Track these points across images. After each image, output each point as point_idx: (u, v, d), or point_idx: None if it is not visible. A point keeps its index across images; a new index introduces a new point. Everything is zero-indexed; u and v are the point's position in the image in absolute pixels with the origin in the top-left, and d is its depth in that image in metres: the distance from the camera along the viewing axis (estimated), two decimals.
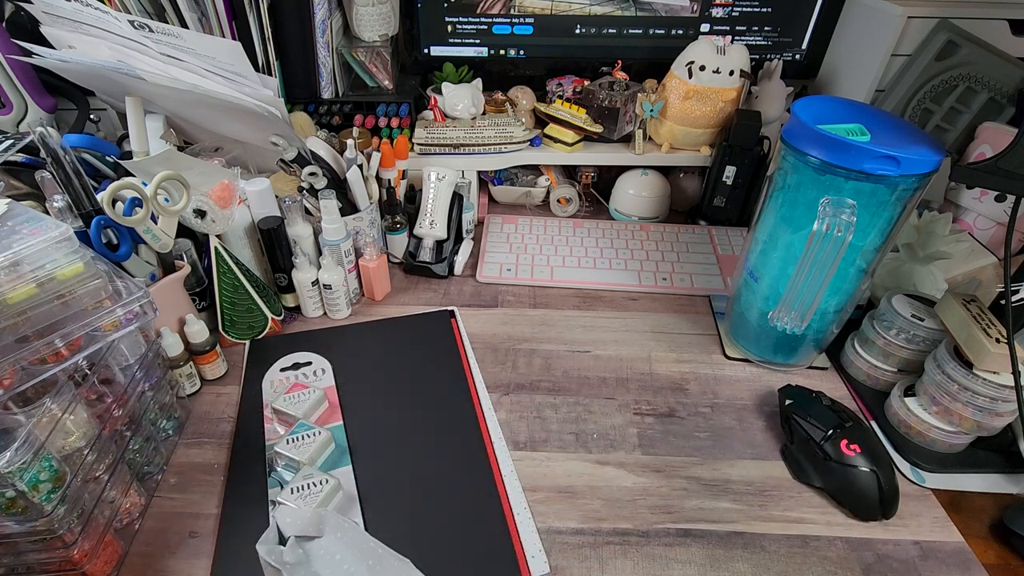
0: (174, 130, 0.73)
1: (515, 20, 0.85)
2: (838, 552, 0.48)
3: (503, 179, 0.88)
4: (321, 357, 0.63)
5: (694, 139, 0.82)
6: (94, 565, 0.44)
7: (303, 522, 0.43)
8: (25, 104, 0.75)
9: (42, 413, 0.39)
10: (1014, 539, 0.49)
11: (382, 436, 0.54)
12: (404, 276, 0.77)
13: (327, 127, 0.83)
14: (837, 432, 0.51)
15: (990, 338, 0.49)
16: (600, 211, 0.90)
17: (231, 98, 0.63)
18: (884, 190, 0.49)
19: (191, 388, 0.60)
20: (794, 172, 0.54)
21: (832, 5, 0.82)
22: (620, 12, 0.84)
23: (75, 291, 0.43)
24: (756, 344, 0.64)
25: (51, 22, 0.66)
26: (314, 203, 0.68)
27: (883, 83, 0.77)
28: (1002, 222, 0.72)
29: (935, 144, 0.49)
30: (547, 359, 0.65)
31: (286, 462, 0.52)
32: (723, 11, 0.83)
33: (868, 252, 0.54)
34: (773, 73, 0.81)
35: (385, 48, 0.82)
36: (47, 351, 0.41)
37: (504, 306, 0.72)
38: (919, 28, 0.72)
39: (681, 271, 0.77)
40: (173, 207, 0.55)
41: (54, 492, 0.39)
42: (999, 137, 0.71)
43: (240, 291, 0.62)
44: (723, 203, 0.83)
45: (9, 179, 0.64)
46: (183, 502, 0.51)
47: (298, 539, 0.43)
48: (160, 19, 0.69)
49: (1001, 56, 0.71)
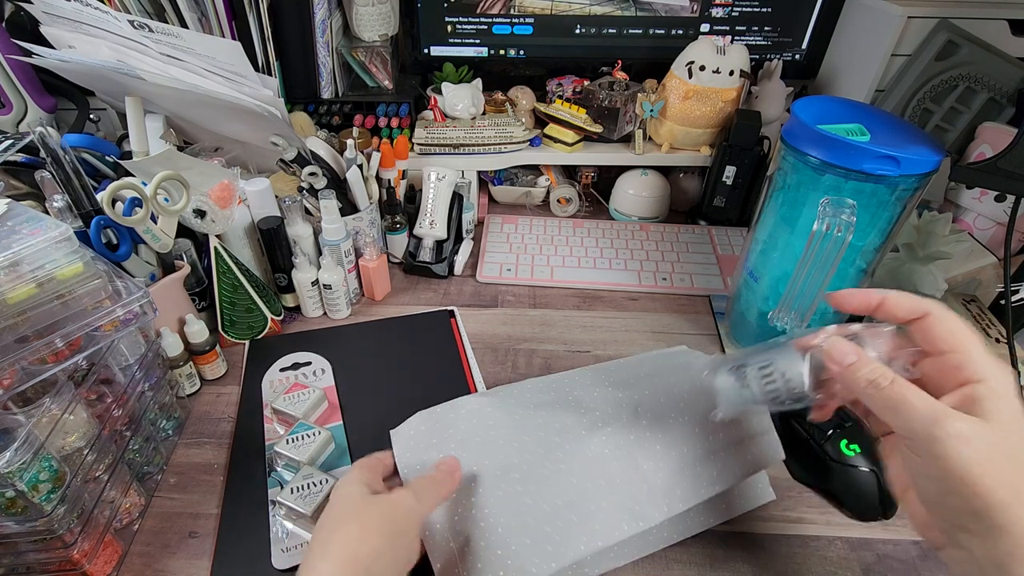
0: (174, 130, 0.73)
1: (515, 20, 0.85)
2: (838, 552, 0.48)
3: (503, 179, 0.88)
4: (321, 357, 0.63)
5: (694, 139, 0.82)
6: (94, 565, 0.44)
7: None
8: (25, 104, 0.75)
9: (42, 413, 0.39)
10: None
11: (382, 436, 0.54)
12: (404, 276, 0.77)
13: (327, 127, 0.83)
14: (837, 432, 0.51)
15: (990, 338, 0.49)
16: (600, 211, 0.90)
17: (231, 98, 0.63)
18: (884, 190, 0.49)
19: (191, 388, 0.60)
20: (794, 172, 0.54)
21: (832, 5, 0.82)
22: (620, 12, 0.84)
23: (75, 291, 0.43)
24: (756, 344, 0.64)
25: (51, 22, 0.66)
26: (314, 203, 0.68)
27: (883, 83, 0.77)
28: (1002, 222, 0.72)
29: (935, 144, 0.49)
30: (547, 359, 0.65)
31: (286, 462, 0.52)
32: (723, 11, 0.83)
33: (868, 252, 0.54)
34: (773, 73, 0.81)
35: (385, 48, 0.82)
36: (47, 351, 0.41)
37: (504, 306, 0.72)
38: (919, 28, 0.72)
39: (681, 271, 0.77)
40: (173, 207, 0.55)
41: (54, 492, 0.39)
42: (999, 137, 0.71)
43: (240, 291, 0.62)
44: (723, 203, 0.83)
45: (9, 179, 0.63)
46: (183, 502, 0.51)
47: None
48: (160, 19, 0.69)
49: (1001, 56, 0.71)
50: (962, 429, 0.30)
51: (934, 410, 0.31)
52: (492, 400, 0.52)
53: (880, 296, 0.37)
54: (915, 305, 0.35)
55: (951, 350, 0.33)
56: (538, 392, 0.54)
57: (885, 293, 0.37)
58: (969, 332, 0.34)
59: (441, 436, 0.49)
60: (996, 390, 0.31)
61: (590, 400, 0.52)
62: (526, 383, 0.56)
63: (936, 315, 0.34)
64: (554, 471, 0.46)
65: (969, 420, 0.30)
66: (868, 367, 0.34)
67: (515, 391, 0.54)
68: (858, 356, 0.34)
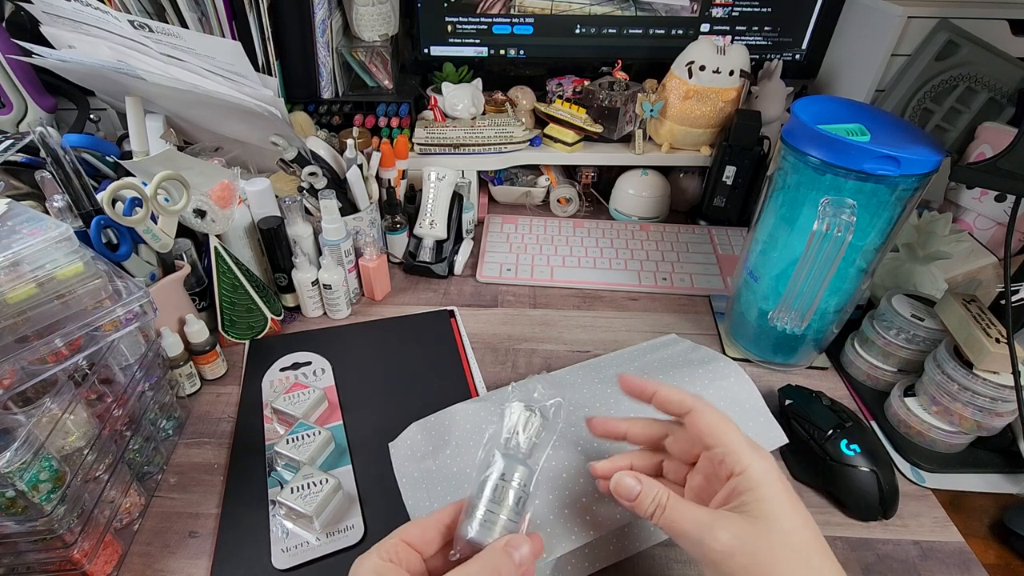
0: (174, 130, 0.73)
1: (515, 20, 0.85)
2: (838, 552, 0.47)
3: (503, 179, 0.88)
4: (321, 357, 0.63)
5: (694, 139, 0.82)
6: (94, 565, 0.44)
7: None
8: (25, 104, 0.75)
9: (42, 413, 0.39)
10: (1014, 539, 0.49)
11: (382, 436, 0.54)
12: (404, 276, 0.77)
13: (327, 127, 0.83)
14: (837, 432, 0.51)
15: (990, 338, 0.49)
16: (600, 211, 0.90)
17: (231, 98, 0.63)
18: (884, 190, 0.49)
19: (191, 388, 0.60)
20: (794, 172, 0.54)
21: (832, 5, 0.82)
22: (620, 12, 0.84)
23: (75, 291, 0.43)
24: (756, 344, 0.64)
25: (51, 22, 0.66)
26: (314, 203, 0.68)
27: (883, 83, 0.77)
28: (1002, 222, 0.72)
29: (935, 144, 0.49)
30: (547, 359, 0.65)
31: (286, 462, 0.52)
32: (723, 11, 0.83)
33: (868, 252, 0.54)
34: (773, 73, 0.81)
35: (385, 48, 0.82)
36: (47, 351, 0.41)
37: (504, 306, 0.72)
38: (919, 28, 0.72)
39: (681, 271, 0.77)
40: (173, 207, 0.55)
41: (54, 492, 0.39)
42: (999, 137, 0.71)
43: (240, 291, 0.62)
44: (723, 203, 0.83)
45: (9, 179, 0.64)
46: (183, 502, 0.51)
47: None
48: (160, 19, 0.69)
49: (1001, 56, 0.71)
50: (725, 541, 0.32)
51: (699, 528, 0.33)
52: (485, 405, 0.53)
53: (654, 388, 0.38)
54: (681, 400, 0.37)
55: (714, 444, 0.35)
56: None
57: (658, 387, 0.38)
58: (727, 423, 0.36)
59: (437, 444, 0.51)
60: (755, 479, 0.33)
61: (581, 397, 0.53)
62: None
63: (697, 410, 0.36)
64: (547, 468, 0.46)
65: (731, 527, 0.32)
66: (649, 497, 0.35)
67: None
68: (640, 487, 0.36)
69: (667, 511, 0.34)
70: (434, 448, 0.50)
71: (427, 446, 0.51)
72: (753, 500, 0.33)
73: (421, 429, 0.53)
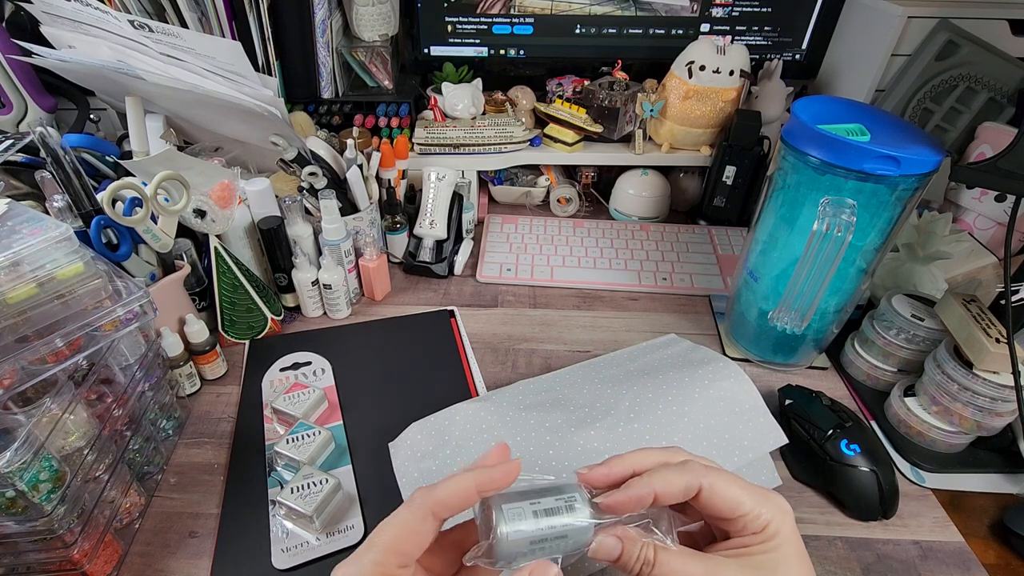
0: (174, 130, 0.73)
1: (515, 20, 0.85)
2: (838, 552, 0.48)
3: (503, 179, 0.88)
4: (321, 357, 0.63)
5: (694, 139, 0.82)
6: (94, 565, 0.44)
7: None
8: (25, 104, 0.75)
9: (42, 413, 0.39)
10: (1014, 539, 0.49)
11: (382, 436, 0.54)
12: (404, 276, 0.77)
13: (327, 127, 0.83)
14: (837, 432, 0.51)
15: (990, 338, 0.49)
16: (600, 211, 0.90)
17: (231, 98, 0.63)
18: (884, 190, 0.49)
19: (191, 388, 0.60)
20: (794, 172, 0.54)
21: (832, 5, 0.82)
22: (620, 12, 0.84)
23: (75, 291, 0.43)
24: (756, 344, 0.64)
25: (51, 22, 0.66)
26: (314, 203, 0.68)
27: (883, 83, 0.77)
28: (1002, 222, 0.72)
29: (935, 144, 0.49)
30: (547, 359, 0.65)
31: (286, 462, 0.52)
32: (723, 11, 0.83)
33: (868, 252, 0.54)
34: (773, 73, 0.81)
35: (385, 48, 0.82)
36: (47, 351, 0.41)
37: (504, 306, 0.72)
38: (919, 28, 0.72)
39: (681, 271, 0.77)
40: (173, 207, 0.55)
41: (54, 492, 0.39)
42: (999, 137, 0.71)
43: (240, 291, 0.62)
44: (723, 203, 0.83)
45: (9, 179, 0.63)
46: (183, 502, 0.51)
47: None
48: (160, 19, 0.69)
49: (1001, 56, 0.71)
50: None
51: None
52: (485, 405, 0.53)
53: (649, 490, 0.34)
54: (687, 484, 0.33)
55: (733, 515, 0.33)
56: (530, 393, 0.55)
57: (652, 483, 0.33)
58: (739, 487, 0.33)
59: (437, 444, 0.51)
60: (770, 532, 0.32)
61: (580, 397, 0.53)
62: (518, 385, 0.57)
63: (706, 487, 0.33)
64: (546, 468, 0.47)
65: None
66: (633, 557, 0.33)
67: (507, 394, 0.55)
68: (622, 548, 0.33)
69: (656, 567, 0.32)
70: (434, 448, 0.50)
71: (427, 446, 0.51)
72: (761, 551, 0.32)
73: (421, 429, 0.53)
